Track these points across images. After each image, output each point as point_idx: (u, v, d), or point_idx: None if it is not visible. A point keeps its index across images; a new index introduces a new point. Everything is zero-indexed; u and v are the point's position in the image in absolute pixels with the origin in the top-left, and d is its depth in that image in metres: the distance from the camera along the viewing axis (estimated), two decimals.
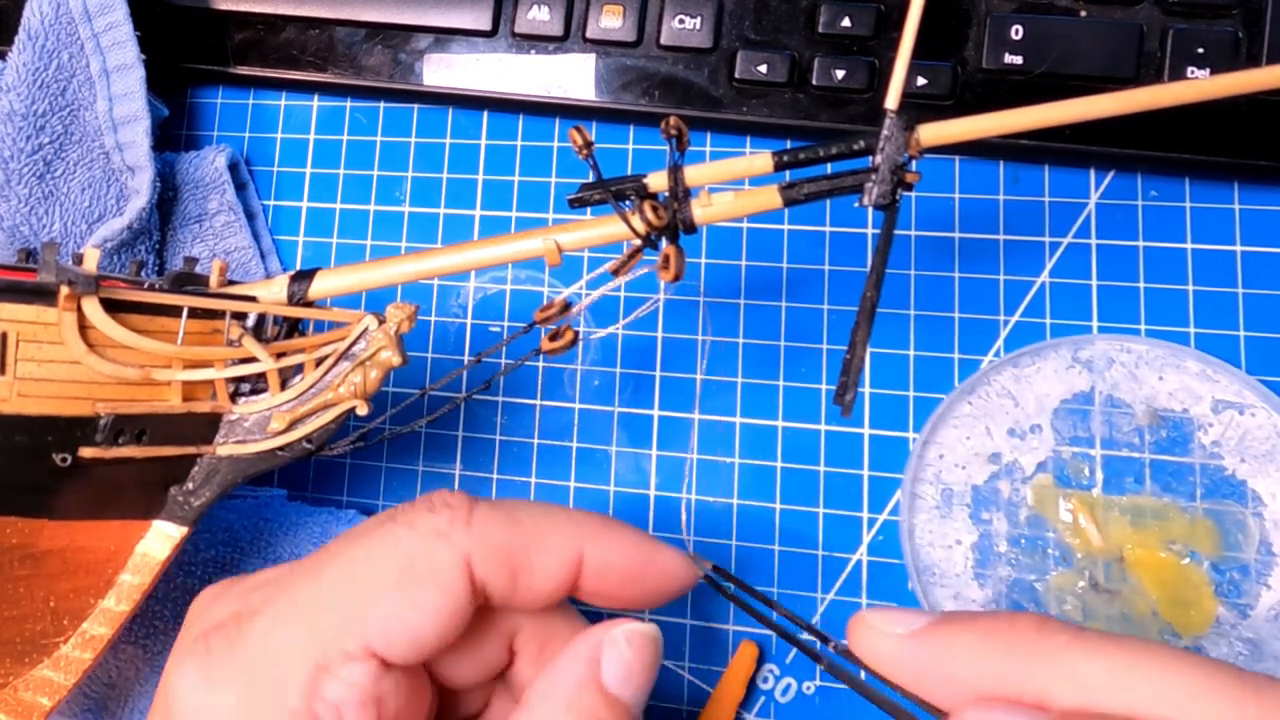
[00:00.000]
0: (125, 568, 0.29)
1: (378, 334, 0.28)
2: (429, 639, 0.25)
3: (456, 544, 0.25)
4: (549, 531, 0.26)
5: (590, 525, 0.27)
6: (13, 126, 0.38)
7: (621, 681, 0.25)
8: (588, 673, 0.25)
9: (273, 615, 0.25)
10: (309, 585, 0.25)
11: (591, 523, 0.27)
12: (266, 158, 0.43)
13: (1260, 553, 0.34)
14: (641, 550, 0.27)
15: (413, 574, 0.25)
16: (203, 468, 0.29)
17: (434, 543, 0.25)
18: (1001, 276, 0.37)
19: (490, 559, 0.25)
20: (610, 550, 0.27)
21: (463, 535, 0.25)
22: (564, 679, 0.25)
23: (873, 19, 0.37)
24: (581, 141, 0.26)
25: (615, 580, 0.27)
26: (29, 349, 0.25)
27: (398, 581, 0.25)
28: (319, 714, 0.24)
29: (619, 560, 0.27)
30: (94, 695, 0.36)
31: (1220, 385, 0.35)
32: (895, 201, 0.25)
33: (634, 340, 0.39)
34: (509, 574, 0.25)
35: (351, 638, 0.24)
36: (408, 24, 0.40)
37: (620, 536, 0.27)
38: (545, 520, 0.26)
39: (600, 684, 0.25)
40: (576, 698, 0.25)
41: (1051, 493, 0.35)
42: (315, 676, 0.24)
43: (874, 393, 0.37)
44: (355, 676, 0.24)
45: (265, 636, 0.25)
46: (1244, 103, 0.34)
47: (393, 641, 0.24)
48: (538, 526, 0.26)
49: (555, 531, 0.26)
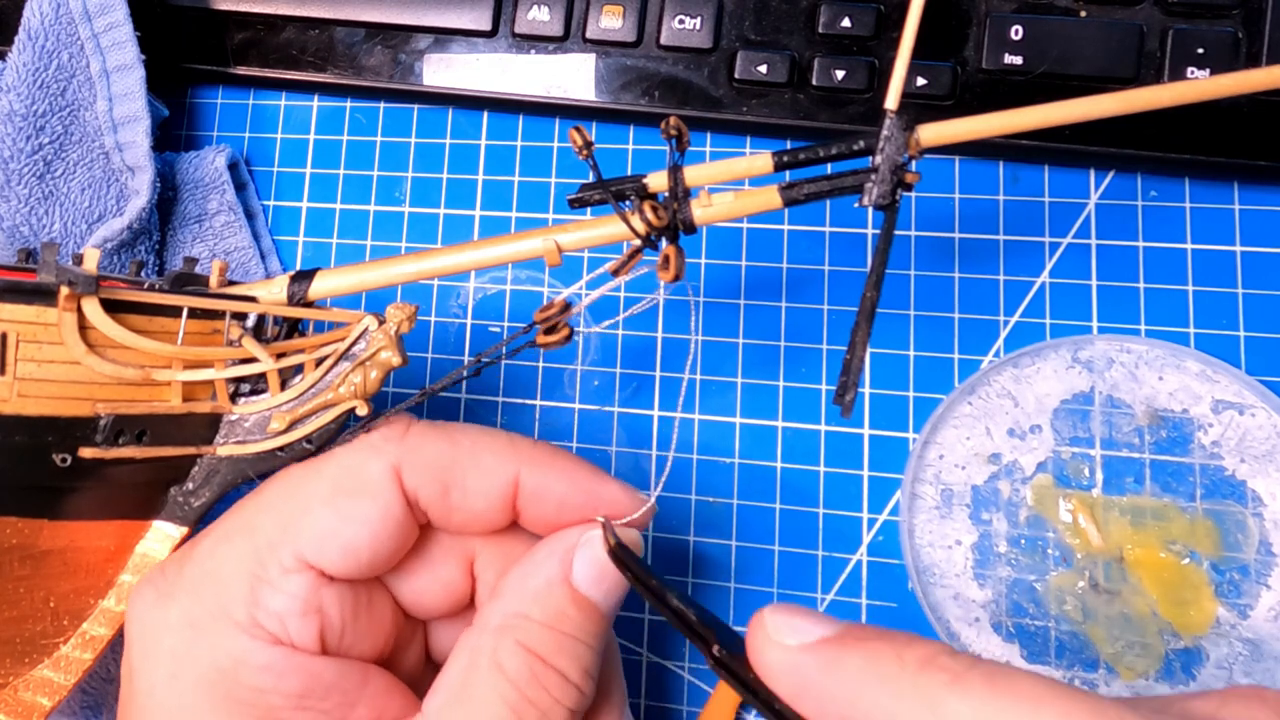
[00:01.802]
0: (125, 568, 0.29)
1: (378, 334, 0.28)
2: (362, 550, 0.25)
3: (387, 456, 0.26)
4: (484, 451, 0.26)
5: (529, 450, 0.27)
6: (13, 126, 0.38)
7: (592, 581, 0.26)
8: (558, 570, 0.26)
9: (216, 535, 0.26)
10: (252, 504, 0.27)
11: (532, 449, 0.27)
12: (266, 158, 0.43)
13: (1260, 553, 0.34)
14: (581, 480, 0.27)
15: (344, 487, 0.26)
16: (203, 468, 0.29)
17: (367, 456, 0.26)
18: (1001, 276, 0.37)
19: (422, 471, 0.26)
20: (548, 476, 0.27)
21: (394, 448, 0.26)
22: (534, 573, 0.26)
23: (873, 19, 0.37)
24: (581, 142, 0.26)
25: (553, 507, 0.27)
26: (29, 349, 0.25)
27: (329, 495, 0.26)
28: (263, 622, 0.25)
29: (557, 487, 0.27)
30: (93, 692, 0.36)
31: (1220, 385, 0.35)
32: (895, 202, 0.25)
33: (633, 340, 0.39)
34: (441, 489, 0.26)
35: (288, 551, 0.25)
36: (408, 24, 0.40)
37: (560, 464, 0.27)
38: (482, 440, 0.27)
39: (569, 581, 0.26)
40: (545, 591, 0.25)
41: (1051, 493, 0.35)
42: (255, 588, 0.25)
43: (874, 393, 0.37)
44: (292, 587, 0.25)
45: (209, 554, 0.26)
46: (1244, 103, 0.34)
47: (325, 552, 0.25)
48: (474, 445, 0.27)
49: (491, 452, 0.27)
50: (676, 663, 0.37)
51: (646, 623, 0.37)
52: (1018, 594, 0.35)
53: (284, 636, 0.25)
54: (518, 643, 0.25)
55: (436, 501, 0.26)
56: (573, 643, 0.25)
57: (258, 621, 0.25)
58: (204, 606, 0.25)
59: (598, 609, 0.26)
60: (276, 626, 0.25)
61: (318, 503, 0.26)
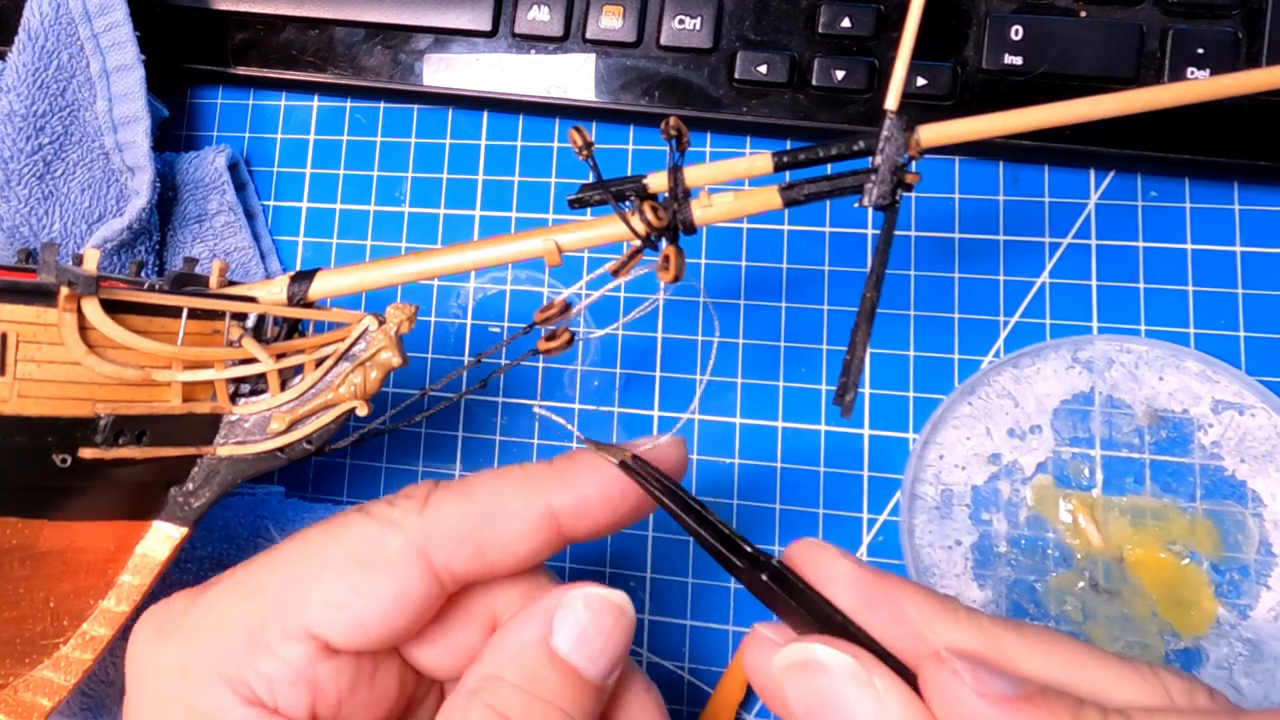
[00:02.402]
0: (125, 568, 0.29)
1: (378, 334, 0.28)
2: (372, 627, 0.24)
3: (409, 532, 0.25)
4: (506, 497, 0.26)
5: (547, 476, 0.26)
6: (13, 127, 0.38)
7: (573, 645, 0.24)
8: (537, 633, 0.25)
9: (225, 585, 0.26)
10: (264, 562, 0.26)
11: (548, 473, 0.26)
12: (266, 158, 0.43)
13: (1260, 553, 0.34)
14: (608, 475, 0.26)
15: (360, 560, 0.25)
16: (203, 468, 0.29)
17: (386, 531, 0.25)
18: (1001, 277, 0.37)
19: (449, 543, 0.25)
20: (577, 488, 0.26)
21: (416, 524, 0.25)
22: (513, 638, 0.25)
23: (873, 19, 0.36)
24: (581, 142, 0.26)
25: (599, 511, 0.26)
26: (29, 350, 0.25)
27: (343, 567, 0.25)
28: (251, 684, 0.24)
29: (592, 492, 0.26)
30: (93, 694, 0.36)
31: (1220, 385, 0.35)
32: (895, 202, 0.25)
33: (634, 340, 0.39)
34: (475, 550, 0.25)
35: (292, 617, 0.24)
36: (408, 24, 0.40)
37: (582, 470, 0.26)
38: (501, 486, 0.26)
39: (549, 645, 0.24)
40: (520, 653, 0.24)
41: (1051, 493, 0.35)
42: (251, 648, 0.24)
43: (874, 393, 0.37)
44: (289, 654, 0.24)
45: (214, 604, 0.25)
46: (1244, 103, 0.34)
47: (333, 625, 0.24)
48: (495, 497, 0.26)
49: (513, 497, 0.26)
50: (676, 663, 0.37)
51: (647, 623, 0.37)
52: (1018, 594, 0.35)
53: (270, 702, 0.24)
54: (488, 705, 0.24)
55: (475, 563, 0.25)
56: (547, 708, 0.24)
57: (246, 681, 0.24)
58: (197, 653, 0.25)
59: (580, 674, 0.24)
60: (264, 691, 0.24)
61: (331, 570, 0.25)
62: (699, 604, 0.37)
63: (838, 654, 0.21)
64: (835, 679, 0.21)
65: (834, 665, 0.21)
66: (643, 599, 0.37)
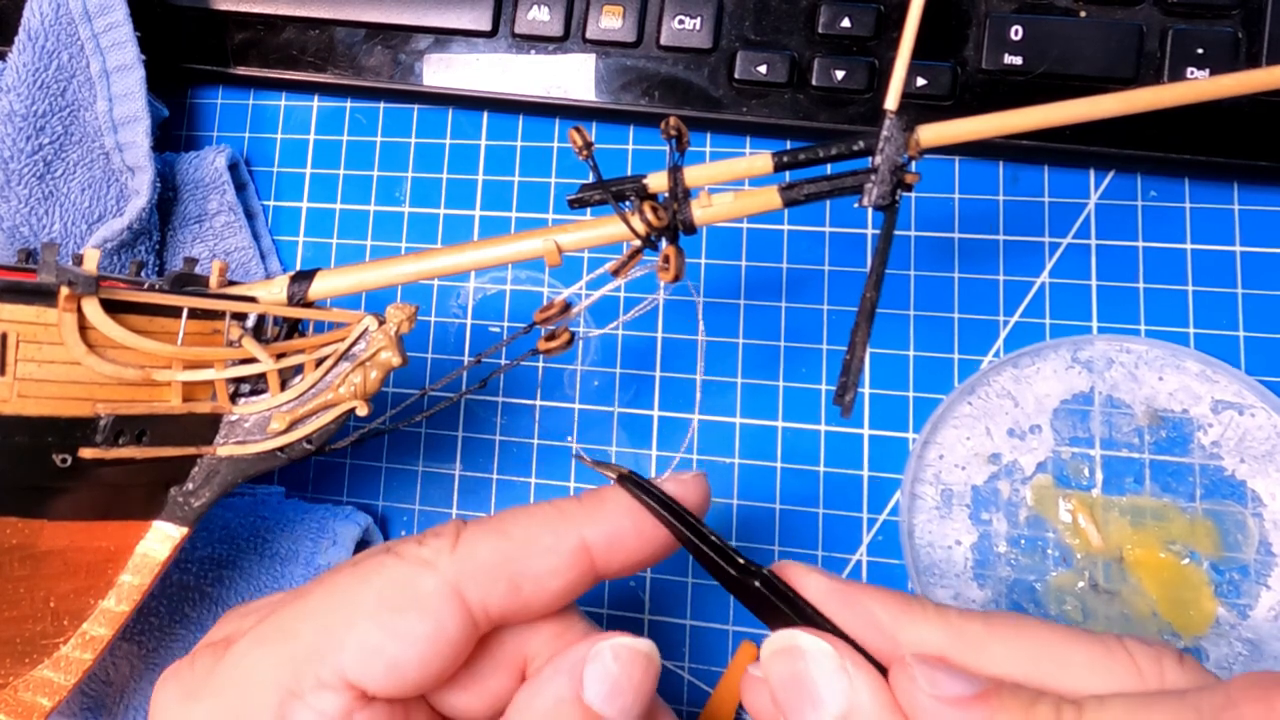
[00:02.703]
0: (125, 568, 0.29)
1: (378, 334, 0.28)
2: (410, 671, 0.24)
3: (442, 572, 0.24)
4: (541, 533, 0.25)
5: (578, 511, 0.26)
6: (13, 127, 0.38)
7: (605, 698, 0.24)
8: (568, 688, 0.24)
9: (253, 638, 0.25)
10: (291, 610, 0.25)
11: (578, 507, 0.26)
12: (266, 158, 0.43)
13: (1260, 553, 0.34)
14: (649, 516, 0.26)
15: (393, 602, 0.24)
16: (203, 468, 0.29)
17: (419, 571, 0.24)
18: (1001, 277, 0.37)
19: (483, 579, 0.24)
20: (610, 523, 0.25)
21: (448, 563, 0.24)
22: (544, 693, 0.24)
23: (873, 19, 0.37)
24: (581, 142, 0.26)
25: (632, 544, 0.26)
26: (29, 349, 0.25)
27: (376, 610, 0.24)
28: None
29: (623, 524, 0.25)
30: (92, 694, 0.36)
31: (1220, 385, 0.35)
32: (895, 202, 0.25)
33: (634, 340, 0.39)
34: (510, 588, 0.25)
35: (326, 665, 0.24)
36: (408, 24, 0.40)
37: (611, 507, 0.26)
38: (534, 523, 0.25)
39: (580, 699, 0.24)
40: (554, 711, 0.24)
41: (1051, 493, 0.35)
42: (285, 702, 0.24)
43: (874, 393, 0.37)
44: (325, 705, 0.23)
45: (242, 658, 0.25)
46: (1244, 103, 0.34)
47: (369, 671, 0.24)
48: (528, 532, 0.25)
49: (547, 532, 0.25)
50: (676, 663, 0.37)
51: (646, 623, 0.37)
52: (1018, 594, 0.35)
53: None
54: None
55: (510, 601, 0.25)
56: None
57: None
58: (228, 713, 0.24)
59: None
60: None
61: (363, 615, 0.24)
62: (699, 604, 0.37)
63: (816, 640, 0.23)
64: (812, 662, 0.22)
65: (811, 650, 0.23)
66: (643, 599, 0.37)
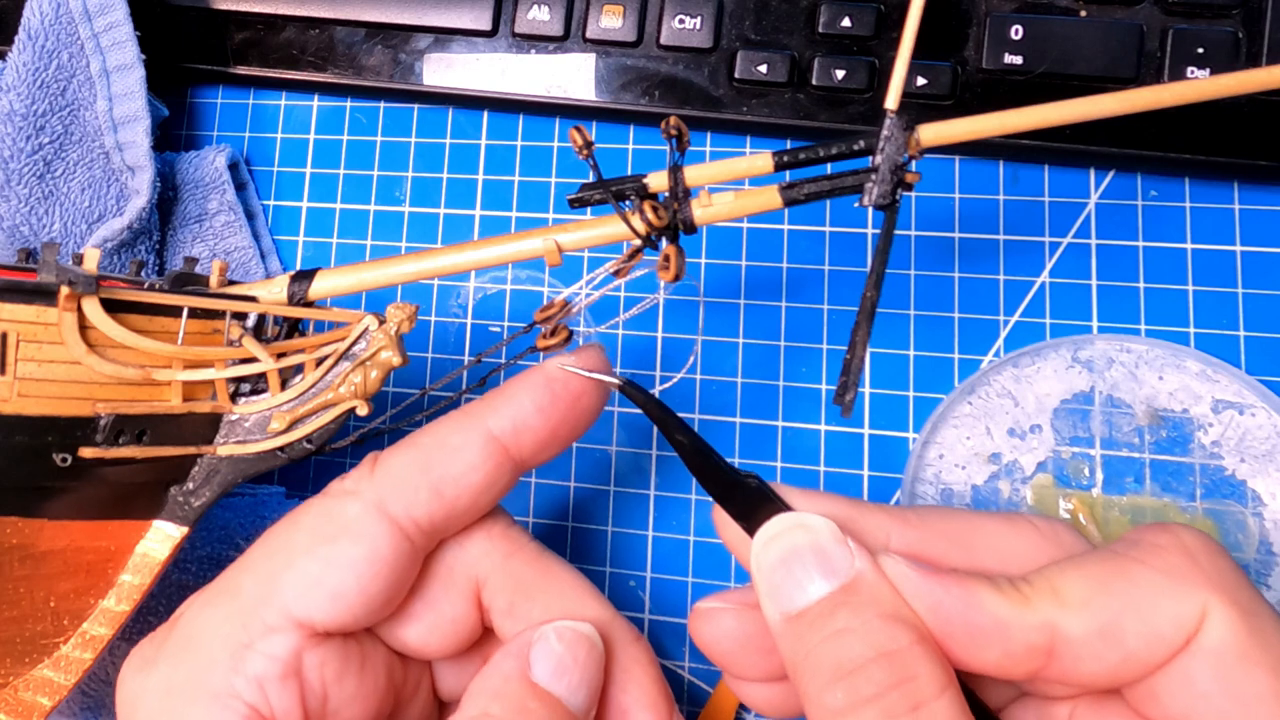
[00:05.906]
0: (125, 568, 0.29)
1: (378, 334, 0.28)
2: (352, 596, 0.25)
3: (364, 495, 0.26)
4: (449, 435, 0.26)
5: (480, 406, 0.27)
6: (13, 126, 0.38)
7: (552, 675, 0.25)
8: (516, 668, 0.26)
9: (199, 601, 0.26)
10: (232, 569, 0.26)
11: (481, 404, 0.27)
12: (266, 158, 0.43)
13: (1260, 553, 0.34)
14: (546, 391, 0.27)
15: (324, 534, 0.25)
16: (203, 468, 0.29)
17: (343, 501, 0.26)
18: (1001, 276, 0.37)
19: (404, 492, 0.26)
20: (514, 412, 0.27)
21: (368, 486, 0.26)
22: (494, 673, 0.26)
23: (873, 19, 0.37)
24: (581, 141, 0.26)
25: (536, 423, 0.27)
26: (29, 349, 0.25)
27: (310, 545, 0.25)
28: (240, 691, 0.24)
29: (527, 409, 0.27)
30: (92, 693, 0.36)
31: (1220, 385, 0.35)
32: (895, 201, 0.25)
33: (634, 340, 0.39)
34: (432, 494, 0.26)
35: (272, 609, 0.25)
36: (408, 24, 0.40)
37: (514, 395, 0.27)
38: (441, 428, 0.27)
39: (528, 677, 0.25)
40: (504, 688, 0.25)
41: (1051, 493, 0.35)
42: (236, 653, 0.24)
43: (874, 393, 0.37)
44: (276, 649, 0.24)
45: (191, 621, 0.26)
46: (1244, 103, 0.34)
47: (313, 604, 0.25)
48: (435, 438, 0.26)
49: (454, 432, 0.26)
50: (676, 662, 0.37)
51: (646, 622, 0.37)
52: None
53: (263, 707, 0.24)
54: None
55: (435, 506, 0.26)
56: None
57: (235, 691, 0.24)
58: (182, 674, 0.25)
59: (562, 704, 0.25)
60: (255, 695, 0.24)
61: (299, 554, 0.25)
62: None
63: (821, 518, 0.24)
64: (818, 534, 0.24)
65: (818, 525, 0.24)
66: (643, 598, 0.37)
